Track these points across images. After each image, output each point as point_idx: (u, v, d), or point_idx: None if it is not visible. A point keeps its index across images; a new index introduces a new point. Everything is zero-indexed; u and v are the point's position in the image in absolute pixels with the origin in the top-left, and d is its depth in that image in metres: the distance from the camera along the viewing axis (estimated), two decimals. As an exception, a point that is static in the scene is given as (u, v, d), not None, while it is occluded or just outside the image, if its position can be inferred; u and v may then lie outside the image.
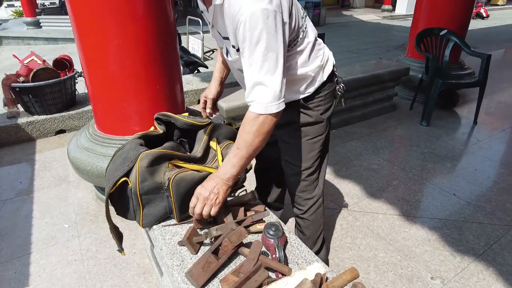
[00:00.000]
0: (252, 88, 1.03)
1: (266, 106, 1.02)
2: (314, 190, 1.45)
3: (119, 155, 1.20)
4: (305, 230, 1.53)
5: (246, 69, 1.03)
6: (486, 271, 1.76)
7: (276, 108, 1.03)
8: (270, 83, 1.01)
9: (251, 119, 1.05)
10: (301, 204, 1.48)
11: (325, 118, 1.34)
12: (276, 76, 1.01)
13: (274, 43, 0.99)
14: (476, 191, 2.43)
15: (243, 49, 1.00)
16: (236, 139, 1.09)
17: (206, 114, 1.56)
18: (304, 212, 1.49)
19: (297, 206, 1.51)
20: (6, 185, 2.46)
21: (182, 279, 0.97)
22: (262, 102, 1.02)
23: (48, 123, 3.13)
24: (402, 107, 3.93)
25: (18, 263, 1.80)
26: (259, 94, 1.02)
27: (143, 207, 1.14)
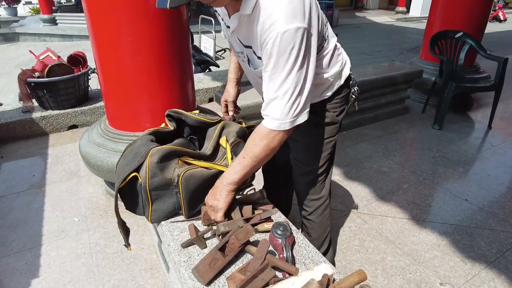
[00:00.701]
0: (269, 103, 1.01)
1: (280, 123, 1.01)
2: (321, 191, 1.44)
3: (129, 151, 1.22)
4: (312, 232, 1.52)
5: (267, 83, 1.01)
6: (497, 279, 1.73)
7: (289, 125, 1.03)
8: (288, 101, 0.99)
9: (262, 132, 1.04)
10: (308, 205, 1.47)
11: (339, 120, 1.34)
12: (297, 95, 1.00)
13: (302, 63, 0.97)
14: (489, 197, 2.38)
15: (267, 64, 0.98)
16: (244, 147, 1.09)
17: (229, 117, 1.56)
18: (311, 213, 1.48)
19: (304, 207, 1.50)
20: (19, 178, 2.51)
21: (189, 275, 0.97)
22: (277, 119, 1.01)
23: (61, 118, 3.19)
24: (414, 110, 3.88)
25: (29, 254, 1.84)
26: (275, 111, 1.01)
27: (152, 203, 1.15)
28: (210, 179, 1.17)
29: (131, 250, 1.39)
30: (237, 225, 1.06)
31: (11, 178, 2.51)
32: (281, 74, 0.97)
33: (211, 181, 1.18)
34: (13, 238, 1.94)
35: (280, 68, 0.96)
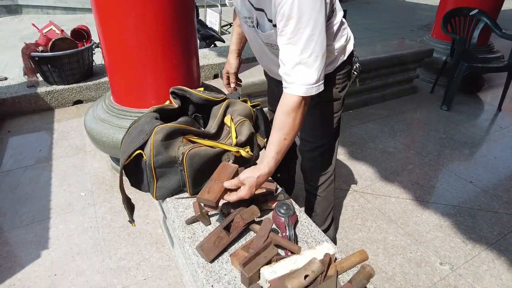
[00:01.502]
0: (293, 69, 0.98)
1: (307, 88, 0.98)
2: (327, 167, 1.45)
3: (134, 128, 1.21)
4: (316, 207, 1.54)
5: (286, 48, 0.97)
6: (497, 260, 1.74)
7: (315, 91, 1.00)
8: (313, 64, 0.97)
9: (295, 103, 1.00)
10: (313, 180, 1.48)
11: (342, 96, 1.32)
12: (321, 58, 0.97)
13: (321, 25, 0.94)
14: (494, 179, 2.37)
15: (285, 27, 0.94)
16: (280, 128, 1.02)
17: (231, 89, 1.54)
18: (316, 188, 1.49)
19: (309, 183, 1.52)
20: (26, 152, 2.54)
21: (193, 251, 0.99)
22: (303, 84, 0.98)
23: (66, 93, 3.18)
24: (422, 90, 3.80)
25: (38, 227, 1.88)
26: (301, 76, 0.97)
27: (157, 180, 1.16)
28: (214, 157, 1.17)
29: (135, 226, 1.42)
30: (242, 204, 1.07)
31: (18, 152, 2.54)
32: (302, 36, 0.93)
33: (216, 159, 1.18)
34: (23, 211, 1.99)
35: (302, 29, 0.93)
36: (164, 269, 1.64)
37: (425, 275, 1.66)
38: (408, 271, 1.67)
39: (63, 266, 1.65)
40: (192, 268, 1.02)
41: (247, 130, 1.24)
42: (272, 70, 1.33)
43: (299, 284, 0.82)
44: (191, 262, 1.01)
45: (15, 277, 1.60)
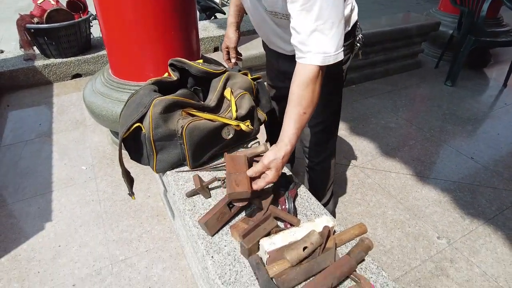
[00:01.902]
0: (308, 37, 0.92)
1: (325, 57, 0.93)
2: (328, 142, 1.44)
3: (132, 101, 1.19)
4: (316, 182, 1.55)
5: (300, 15, 0.91)
6: (494, 235, 1.77)
7: (334, 59, 0.94)
8: (330, 32, 0.91)
9: (314, 73, 0.94)
10: (314, 156, 1.48)
11: (344, 69, 1.29)
12: (337, 24, 0.92)
13: None
14: (495, 156, 2.36)
15: None
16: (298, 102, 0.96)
17: (231, 64, 1.50)
18: (317, 163, 1.49)
19: (310, 158, 1.51)
20: (26, 127, 2.53)
21: (193, 223, 1.00)
22: (320, 53, 0.92)
23: (64, 66, 3.13)
24: (427, 65, 3.73)
25: (41, 200, 1.91)
26: (317, 44, 0.91)
27: (156, 153, 1.15)
28: (214, 131, 1.16)
29: (135, 199, 1.43)
30: None
31: (18, 126, 2.54)
32: (317, 1, 0.87)
33: (215, 133, 1.17)
34: (25, 184, 2.00)
35: None
36: (165, 241, 1.67)
37: (422, 248, 1.68)
38: (406, 245, 1.70)
39: (67, 237, 1.69)
40: (192, 239, 1.03)
41: (247, 103, 1.22)
42: (273, 42, 1.29)
43: (297, 256, 0.83)
44: (192, 234, 1.02)
45: (20, 248, 1.63)
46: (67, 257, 1.59)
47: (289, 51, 1.26)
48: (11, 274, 1.51)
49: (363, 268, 0.86)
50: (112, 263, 1.57)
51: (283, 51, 1.30)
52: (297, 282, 0.81)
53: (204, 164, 1.21)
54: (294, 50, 0.99)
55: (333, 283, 0.79)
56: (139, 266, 1.56)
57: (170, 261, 1.58)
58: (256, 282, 0.83)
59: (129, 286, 1.47)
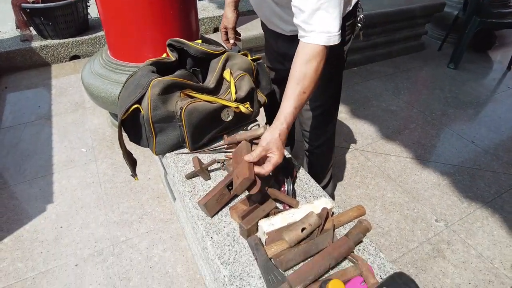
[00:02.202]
0: (312, 16, 0.90)
1: (329, 37, 0.91)
2: (328, 126, 1.43)
3: (131, 82, 1.18)
4: (315, 165, 1.55)
5: None
6: (491, 218, 1.78)
7: (338, 39, 0.92)
8: (334, 10, 0.89)
9: (317, 51, 0.91)
10: (314, 139, 1.47)
11: (345, 51, 1.26)
12: (340, 3, 0.90)
13: None
14: (496, 139, 2.35)
15: None
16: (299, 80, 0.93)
17: (230, 45, 1.47)
18: (316, 147, 1.48)
19: (309, 142, 1.50)
20: (25, 109, 2.52)
21: (193, 205, 1.01)
22: (324, 32, 0.90)
23: (62, 47, 3.08)
24: (430, 47, 3.67)
25: (42, 182, 1.92)
26: (321, 23, 0.89)
27: (155, 135, 1.15)
28: (213, 113, 1.15)
29: (138, 180, 1.43)
30: None
31: (17, 109, 2.52)
32: None
33: (214, 115, 1.16)
34: (25, 166, 2.01)
35: None
36: (166, 222, 1.69)
37: (420, 231, 1.70)
38: (404, 227, 1.72)
39: (68, 219, 1.70)
40: (192, 221, 1.04)
41: (247, 85, 1.21)
42: (272, 21, 1.26)
43: (296, 237, 0.83)
44: (191, 215, 1.02)
45: (23, 229, 1.65)
46: (69, 238, 1.61)
47: (288, 31, 1.23)
48: (14, 254, 1.54)
49: (361, 250, 0.87)
50: (113, 244, 1.59)
51: (283, 31, 1.27)
52: (295, 262, 0.82)
53: (204, 146, 1.21)
54: (293, 31, 0.97)
55: (330, 264, 0.80)
56: (140, 247, 1.58)
57: (171, 242, 1.60)
58: (254, 262, 0.84)
59: (130, 267, 1.50)
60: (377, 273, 0.82)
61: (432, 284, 1.47)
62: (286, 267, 0.81)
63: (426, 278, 1.49)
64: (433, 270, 1.53)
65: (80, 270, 1.48)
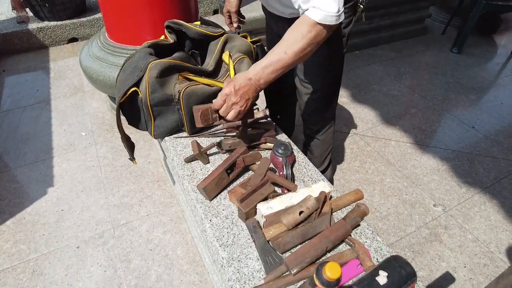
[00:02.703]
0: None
1: (326, 16, 0.89)
2: (327, 110, 1.42)
3: (128, 64, 1.16)
4: (314, 149, 1.54)
5: None
6: (489, 203, 1.79)
7: (335, 20, 0.91)
8: None
9: (309, 24, 0.91)
10: (313, 123, 1.46)
11: (346, 33, 1.24)
12: None
13: None
14: (497, 125, 2.34)
15: None
16: (282, 43, 0.93)
17: (234, 28, 1.45)
18: (314, 131, 1.48)
19: (309, 126, 1.50)
20: (24, 92, 2.50)
21: (192, 188, 1.01)
22: (323, 10, 0.89)
23: (59, 30, 3.03)
24: (433, 31, 3.61)
25: (42, 165, 1.92)
26: (321, 1, 0.89)
27: (154, 119, 1.14)
28: (211, 96, 1.14)
29: (136, 163, 1.43)
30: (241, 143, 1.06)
31: (16, 92, 2.51)
32: None
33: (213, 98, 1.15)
34: (25, 150, 2.01)
35: None
36: (166, 205, 1.71)
37: (418, 215, 1.71)
38: (402, 212, 1.73)
39: (69, 202, 1.72)
40: (191, 204, 1.05)
41: (246, 68, 1.19)
42: (271, 4, 1.24)
43: (294, 220, 0.84)
44: (190, 198, 1.03)
45: (25, 212, 1.67)
46: (70, 221, 1.63)
47: (287, 14, 1.21)
48: (17, 236, 1.56)
49: (358, 233, 0.88)
50: (114, 226, 1.61)
51: (282, 14, 1.24)
52: (292, 245, 0.83)
53: (203, 130, 1.20)
54: (293, 13, 0.94)
55: (328, 247, 0.81)
56: (140, 229, 1.60)
57: (171, 225, 1.62)
58: (253, 245, 0.85)
59: (131, 249, 1.52)
60: (374, 256, 0.83)
61: (428, 267, 1.49)
62: (283, 250, 0.82)
63: (423, 262, 1.51)
64: (429, 253, 1.55)
65: (81, 252, 1.50)
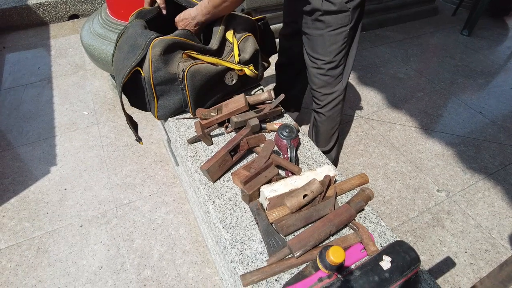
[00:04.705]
0: None
1: None
2: (336, 86, 1.39)
3: (124, 42, 1.12)
4: (320, 125, 1.53)
5: None
6: (493, 189, 1.78)
7: None
8: None
9: None
10: (320, 98, 1.44)
11: (350, 8, 1.19)
12: None
13: None
14: (505, 111, 2.30)
15: None
16: None
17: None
18: (322, 106, 1.46)
19: (315, 101, 1.48)
20: (25, 70, 2.47)
21: (195, 169, 1.00)
22: None
23: (60, 6, 2.96)
24: (444, 12, 3.50)
25: (44, 144, 1.92)
26: None
27: (157, 99, 1.12)
28: (216, 76, 1.11)
29: (143, 144, 1.41)
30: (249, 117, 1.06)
31: (17, 70, 2.47)
32: None
33: (218, 78, 1.12)
34: (28, 128, 2.00)
35: None
36: (168, 186, 1.71)
37: (421, 200, 1.71)
38: (406, 196, 1.72)
39: (72, 181, 1.72)
40: (194, 185, 1.04)
41: (251, 46, 1.16)
42: None
43: (297, 203, 0.83)
44: (194, 180, 1.02)
45: (28, 190, 1.68)
46: (73, 200, 1.64)
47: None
48: (21, 214, 1.57)
49: (362, 217, 0.87)
50: (116, 206, 1.62)
51: None
52: (296, 228, 0.82)
53: None
54: None
55: (331, 231, 0.80)
56: (143, 209, 1.60)
57: (174, 205, 1.62)
58: (256, 227, 0.84)
59: (133, 228, 1.53)
60: (378, 241, 0.82)
61: (429, 252, 1.50)
62: (287, 232, 0.81)
63: (424, 246, 1.52)
64: (431, 238, 1.55)
65: (85, 231, 1.51)
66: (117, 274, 1.37)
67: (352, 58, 1.38)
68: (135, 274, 1.38)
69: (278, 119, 1.18)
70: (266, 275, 0.74)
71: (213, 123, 1.10)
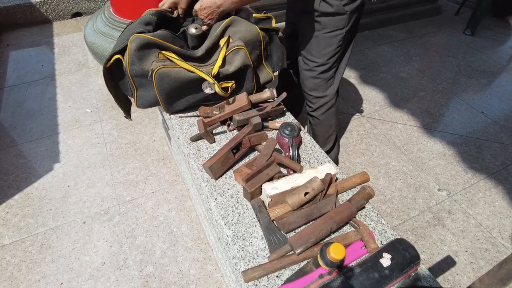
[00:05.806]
0: None
1: None
2: (327, 90, 1.39)
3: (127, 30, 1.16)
4: (315, 128, 1.54)
5: None
6: (494, 189, 1.78)
7: None
8: None
9: None
10: (312, 101, 1.45)
11: (348, 11, 1.19)
12: None
13: None
14: (507, 111, 2.30)
15: None
16: None
17: None
18: (314, 110, 1.46)
19: (308, 103, 1.49)
20: (29, 67, 2.48)
21: (198, 167, 1.01)
22: None
23: (63, 4, 2.98)
24: (447, 12, 3.49)
25: (48, 141, 1.93)
26: None
27: (136, 89, 1.11)
28: (188, 83, 1.07)
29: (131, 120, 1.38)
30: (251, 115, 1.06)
31: (21, 67, 2.49)
32: None
33: (191, 85, 1.08)
34: (31, 126, 2.02)
35: None
36: (171, 183, 1.72)
37: (422, 199, 1.71)
38: (406, 195, 1.73)
39: (75, 178, 1.73)
40: (197, 182, 1.05)
41: (239, 60, 1.09)
42: None
43: (299, 200, 0.84)
44: (196, 177, 1.03)
45: (31, 186, 1.69)
46: (76, 197, 1.65)
47: None
48: (25, 211, 1.59)
49: (363, 215, 0.88)
50: (119, 203, 1.63)
51: None
52: (297, 225, 0.83)
53: (181, 112, 1.17)
54: None
55: (332, 228, 0.81)
56: (145, 206, 1.62)
57: (176, 202, 1.63)
58: (257, 224, 0.85)
59: (136, 225, 1.54)
60: (378, 238, 0.83)
61: (430, 251, 1.50)
62: (288, 229, 0.82)
63: (424, 245, 1.52)
64: (432, 237, 1.56)
65: (87, 227, 1.53)
66: (120, 270, 1.39)
67: (345, 63, 1.38)
68: (137, 270, 1.39)
69: (280, 117, 1.19)
70: (267, 272, 0.75)
71: (215, 121, 1.11)
